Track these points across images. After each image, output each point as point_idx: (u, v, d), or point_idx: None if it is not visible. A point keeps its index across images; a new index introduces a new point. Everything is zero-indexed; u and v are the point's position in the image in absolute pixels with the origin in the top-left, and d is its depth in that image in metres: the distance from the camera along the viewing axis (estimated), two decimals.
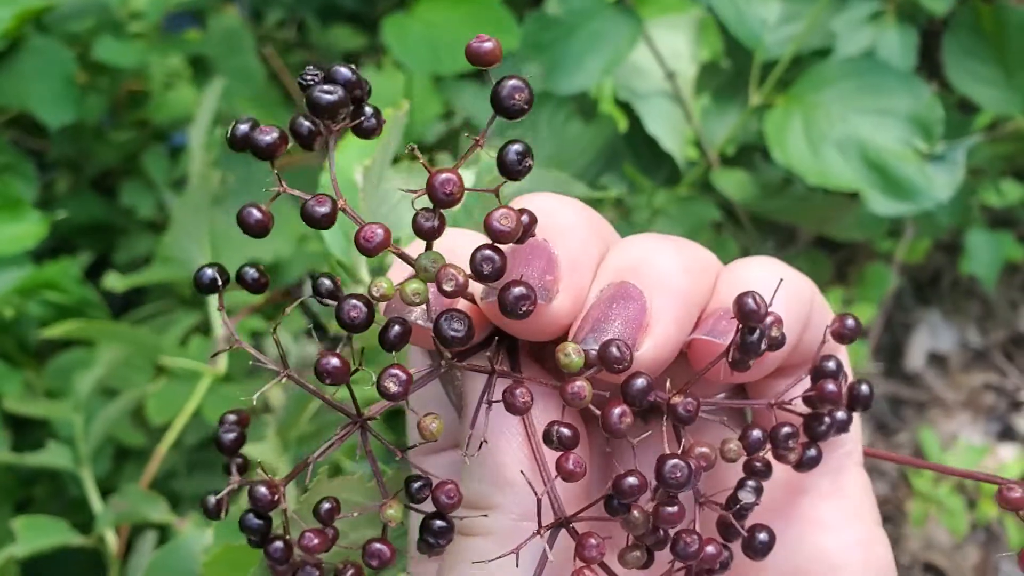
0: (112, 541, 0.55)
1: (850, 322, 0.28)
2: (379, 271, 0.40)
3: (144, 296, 0.90)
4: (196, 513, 0.35)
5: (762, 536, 0.27)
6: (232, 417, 0.29)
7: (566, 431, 0.24)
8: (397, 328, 0.24)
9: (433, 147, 1.05)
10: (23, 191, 0.71)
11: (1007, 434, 1.27)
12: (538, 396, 0.26)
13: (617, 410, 0.24)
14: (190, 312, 0.71)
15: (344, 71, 0.23)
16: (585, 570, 0.24)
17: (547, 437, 0.24)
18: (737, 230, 0.74)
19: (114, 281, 0.60)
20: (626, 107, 0.66)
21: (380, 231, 0.23)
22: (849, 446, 0.29)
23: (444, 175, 0.23)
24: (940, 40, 0.75)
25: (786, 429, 0.27)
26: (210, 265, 0.26)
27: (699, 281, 0.26)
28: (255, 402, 0.24)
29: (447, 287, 0.23)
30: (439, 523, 0.26)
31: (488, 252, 0.24)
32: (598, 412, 0.24)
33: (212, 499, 0.27)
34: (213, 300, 0.27)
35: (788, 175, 0.65)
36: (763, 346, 0.25)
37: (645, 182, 0.65)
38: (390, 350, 0.24)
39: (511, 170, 0.23)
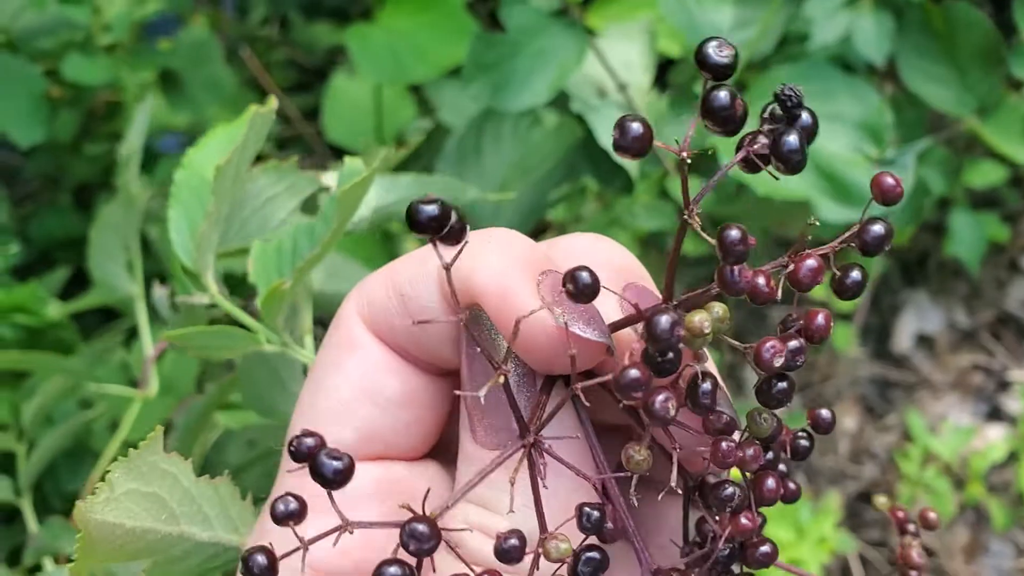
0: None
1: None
2: (231, 279, 0.38)
3: None
4: None
5: None
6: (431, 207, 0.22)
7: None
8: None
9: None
10: None
11: (995, 415, 1.28)
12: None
13: (771, 480, 0.24)
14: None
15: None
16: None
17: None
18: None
19: (53, 309, 0.61)
20: (580, 119, 0.67)
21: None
22: None
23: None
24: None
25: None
26: (431, 202, 0.22)
27: None
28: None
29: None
30: (595, 556, 0.22)
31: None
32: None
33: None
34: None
35: (740, 183, 0.65)
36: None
37: (600, 189, 0.66)
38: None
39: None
